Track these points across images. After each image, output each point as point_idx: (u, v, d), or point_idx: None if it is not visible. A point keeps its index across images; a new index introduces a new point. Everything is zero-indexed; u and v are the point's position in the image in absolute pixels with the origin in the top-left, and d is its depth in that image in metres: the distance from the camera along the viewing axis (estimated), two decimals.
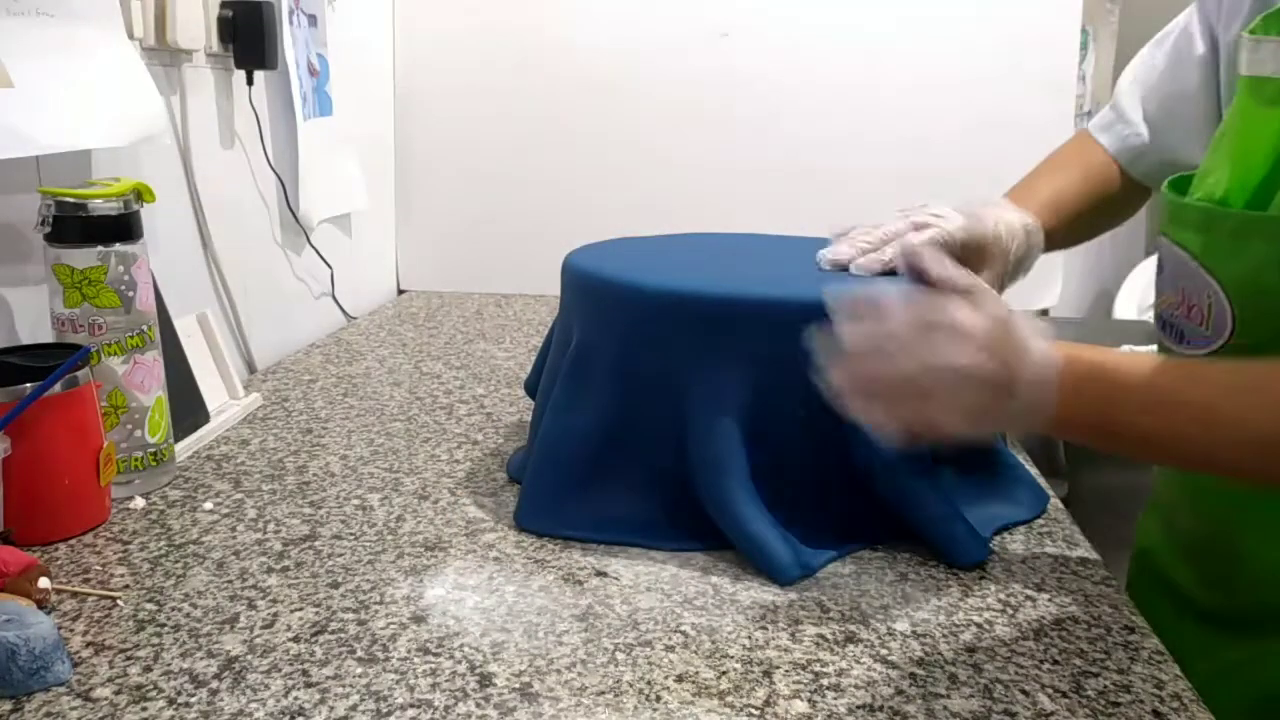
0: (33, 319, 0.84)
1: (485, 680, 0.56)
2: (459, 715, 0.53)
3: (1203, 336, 0.67)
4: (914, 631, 0.62)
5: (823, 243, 0.91)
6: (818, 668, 0.58)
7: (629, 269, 0.76)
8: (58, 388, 0.69)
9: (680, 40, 1.59)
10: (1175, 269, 0.69)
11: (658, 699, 0.54)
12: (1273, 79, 0.65)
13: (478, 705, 0.54)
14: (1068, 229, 0.86)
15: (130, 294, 0.77)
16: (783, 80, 1.59)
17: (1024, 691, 0.56)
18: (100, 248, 0.75)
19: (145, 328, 0.79)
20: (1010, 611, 0.65)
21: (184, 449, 0.89)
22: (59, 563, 0.69)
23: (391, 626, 0.61)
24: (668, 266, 0.78)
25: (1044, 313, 1.63)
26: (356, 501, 0.80)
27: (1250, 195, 0.64)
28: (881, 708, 0.54)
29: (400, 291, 1.72)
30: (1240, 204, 0.65)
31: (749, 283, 0.73)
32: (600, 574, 0.69)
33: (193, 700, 0.54)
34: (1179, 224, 0.69)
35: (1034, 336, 0.59)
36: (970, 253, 0.76)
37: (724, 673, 0.57)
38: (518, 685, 0.55)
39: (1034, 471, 0.86)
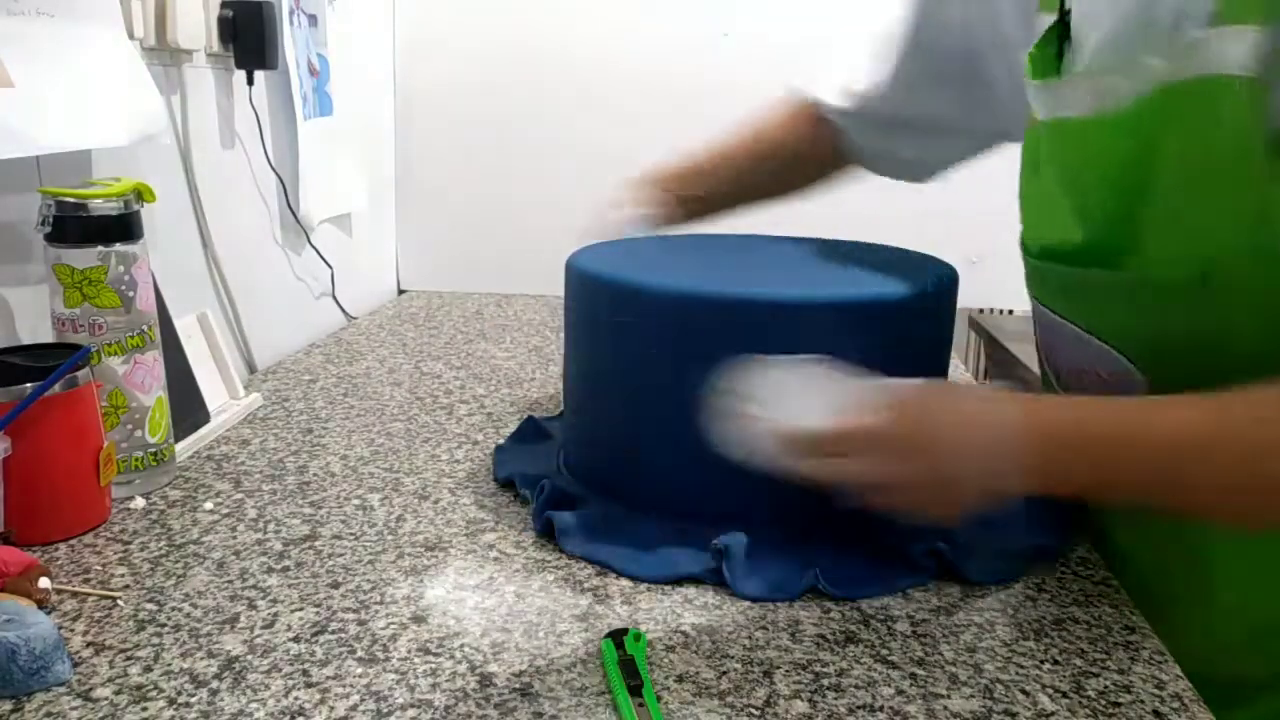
0: (33, 319, 0.84)
1: (485, 680, 0.56)
2: (459, 715, 0.53)
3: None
4: (914, 631, 0.62)
5: (825, 243, 0.91)
6: (818, 668, 0.58)
7: (632, 270, 0.76)
8: (58, 388, 0.69)
9: (680, 40, 1.60)
10: (1064, 340, 0.66)
11: (658, 699, 0.54)
12: (1077, 119, 0.61)
13: (478, 705, 0.54)
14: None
15: (130, 294, 0.77)
16: (784, 79, 1.59)
17: (1024, 691, 0.56)
18: (100, 248, 0.75)
19: (145, 328, 0.79)
20: (1010, 611, 0.65)
21: (184, 449, 0.89)
22: (59, 563, 0.69)
23: (392, 626, 0.61)
24: (671, 267, 0.78)
25: None
26: (357, 501, 0.80)
27: (1109, 244, 0.60)
28: (881, 708, 0.54)
29: (400, 291, 1.72)
30: (1104, 255, 0.61)
31: (753, 283, 0.73)
32: (600, 574, 0.69)
33: (193, 700, 0.54)
34: (1051, 289, 0.65)
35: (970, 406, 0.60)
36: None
37: (724, 673, 0.57)
38: (518, 685, 0.55)
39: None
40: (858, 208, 1.59)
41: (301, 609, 0.63)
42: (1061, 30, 0.63)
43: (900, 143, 0.92)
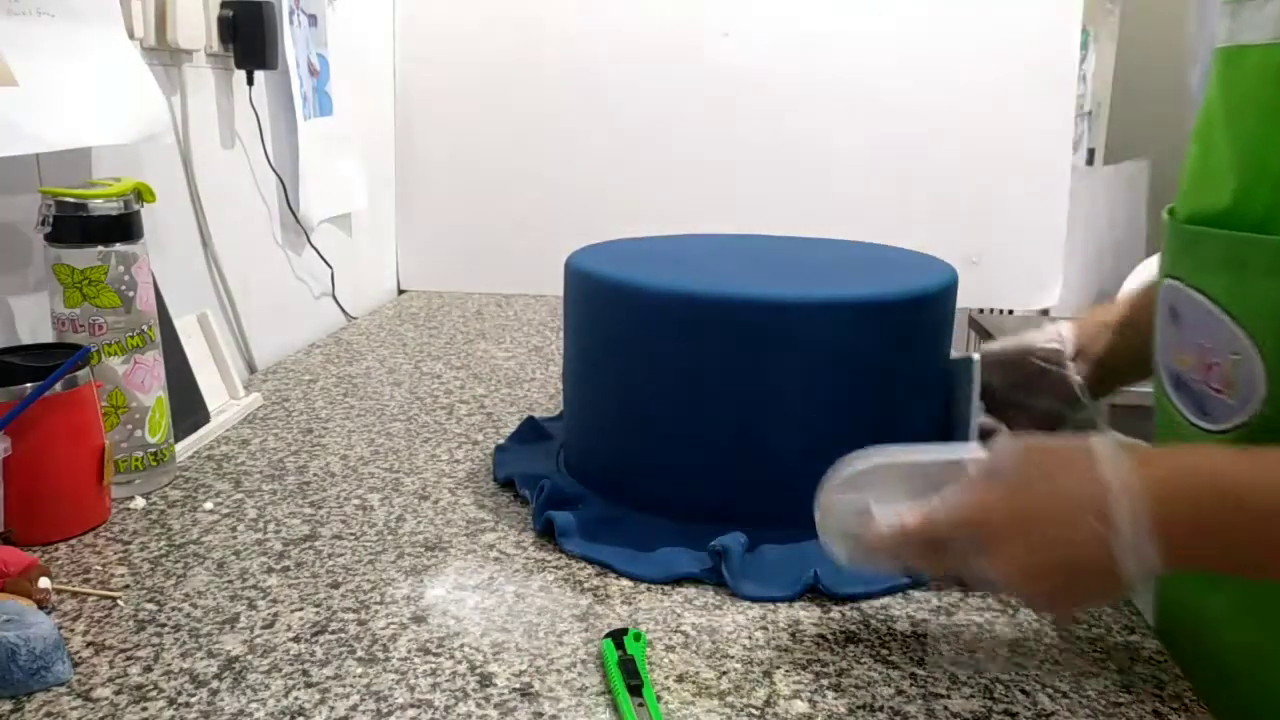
0: (33, 319, 0.84)
1: (485, 680, 0.56)
2: (459, 715, 0.53)
3: (1225, 405, 0.54)
4: (914, 631, 0.62)
5: (825, 243, 0.92)
6: (818, 668, 0.58)
7: (632, 270, 0.76)
8: (58, 388, 0.69)
9: (680, 40, 1.60)
10: (1195, 320, 0.56)
11: (658, 699, 0.54)
12: (1261, 46, 0.51)
13: (478, 705, 0.54)
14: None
15: (130, 294, 0.77)
16: (783, 79, 1.59)
17: (1024, 691, 0.56)
18: (100, 248, 0.75)
19: (145, 328, 0.79)
20: (1010, 612, 0.65)
21: (184, 449, 0.89)
22: (59, 563, 0.69)
23: (392, 626, 0.61)
24: (671, 267, 0.78)
25: (1044, 312, 1.63)
26: (357, 501, 0.80)
27: (1262, 199, 0.51)
28: (881, 708, 0.54)
29: (400, 291, 1.72)
30: (1257, 215, 0.51)
31: (753, 283, 0.73)
32: (600, 574, 0.69)
33: (193, 700, 0.54)
34: (1195, 261, 0.55)
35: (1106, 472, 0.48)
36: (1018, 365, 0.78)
37: (724, 673, 0.57)
38: (518, 685, 0.55)
39: None
40: (858, 208, 1.59)
41: (301, 609, 0.63)
42: None
43: None
